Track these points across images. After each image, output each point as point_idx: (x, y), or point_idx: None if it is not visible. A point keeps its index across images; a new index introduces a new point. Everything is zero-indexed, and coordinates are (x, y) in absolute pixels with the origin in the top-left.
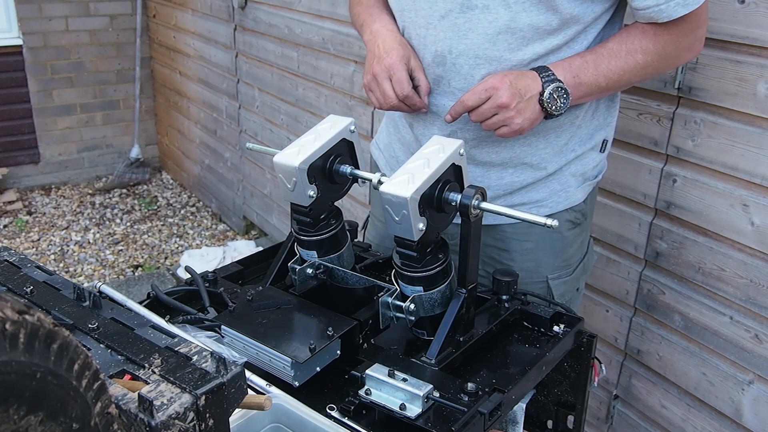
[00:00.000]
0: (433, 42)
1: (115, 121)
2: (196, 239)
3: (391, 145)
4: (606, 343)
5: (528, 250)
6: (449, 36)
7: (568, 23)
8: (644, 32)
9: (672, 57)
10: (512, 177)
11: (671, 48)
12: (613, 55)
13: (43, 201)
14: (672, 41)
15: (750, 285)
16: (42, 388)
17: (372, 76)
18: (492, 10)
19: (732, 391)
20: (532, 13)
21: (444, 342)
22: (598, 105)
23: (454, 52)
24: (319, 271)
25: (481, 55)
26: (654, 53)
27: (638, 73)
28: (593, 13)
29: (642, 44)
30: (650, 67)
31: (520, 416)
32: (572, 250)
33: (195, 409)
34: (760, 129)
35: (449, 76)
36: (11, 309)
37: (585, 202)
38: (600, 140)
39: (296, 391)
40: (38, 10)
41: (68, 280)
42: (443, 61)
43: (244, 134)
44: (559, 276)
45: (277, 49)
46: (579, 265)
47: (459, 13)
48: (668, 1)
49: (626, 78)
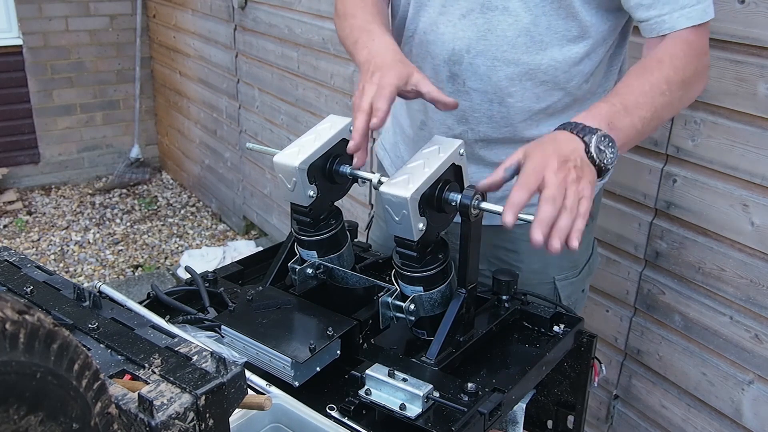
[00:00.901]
0: (452, 40)
1: (115, 121)
2: (196, 239)
3: (396, 145)
4: (606, 343)
5: (536, 251)
6: (468, 35)
7: (589, 32)
8: (663, 60)
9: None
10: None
11: (690, 73)
12: (642, 91)
13: (43, 201)
14: (691, 66)
15: (750, 285)
16: (42, 388)
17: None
18: (512, 12)
19: (732, 391)
20: (552, 17)
21: (444, 342)
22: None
23: (472, 52)
24: (319, 271)
25: (499, 57)
26: (677, 82)
27: (670, 108)
28: (608, 23)
29: (665, 73)
30: (678, 101)
31: (520, 416)
32: (579, 250)
33: (195, 409)
34: (760, 129)
35: (465, 75)
36: (11, 309)
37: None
38: None
39: (296, 391)
40: (38, 10)
41: (68, 280)
42: (460, 60)
43: (244, 134)
44: (566, 277)
45: (277, 49)
46: (585, 266)
47: (479, 13)
48: (671, 12)
49: (658, 116)
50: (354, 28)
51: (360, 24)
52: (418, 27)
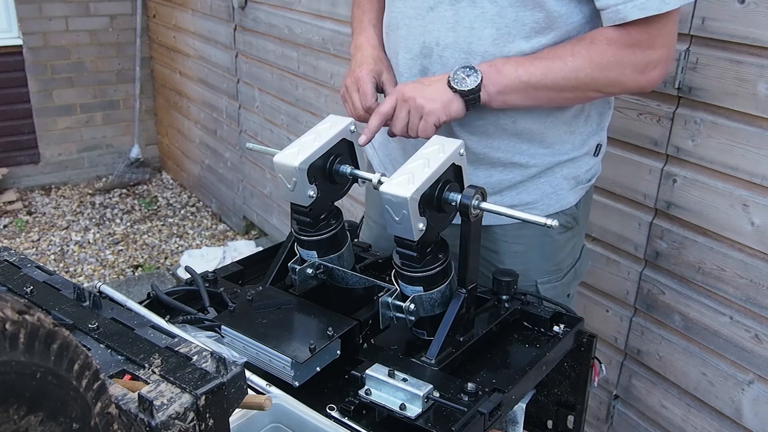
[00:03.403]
0: (422, 33)
1: (115, 121)
2: (196, 239)
3: (385, 144)
4: (606, 343)
5: (518, 252)
6: (437, 28)
7: (557, 22)
8: (584, 38)
9: (611, 70)
10: (501, 175)
11: (610, 59)
12: (542, 55)
13: (43, 201)
14: (614, 52)
15: (750, 285)
16: (42, 388)
17: (345, 88)
18: (479, 4)
19: (732, 391)
20: (519, 8)
21: (444, 342)
22: (591, 111)
23: (441, 44)
24: (319, 271)
25: (466, 49)
26: (585, 57)
27: (567, 76)
28: (581, 14)
29: (575, 48)
30: (582, 72)
31: (520, 416)
32: (563, 254)
33: (195, 409)
34: (760, 129)
35: (435, 68)
36: (11, 309)
37: (577, 207)
38: (594, 145)
39: (296, 391)
40: (38, 10)
41: (68, 280)
42: (430, 52)
43: (244, 134)
44: (548, 280)
45: (277, 49)
46: (570, 270)
47: (448, 4)
48: (626, 2)
49: (551, 77)
50: (354, 18)
51: (357, 15)
52: (391, 21)
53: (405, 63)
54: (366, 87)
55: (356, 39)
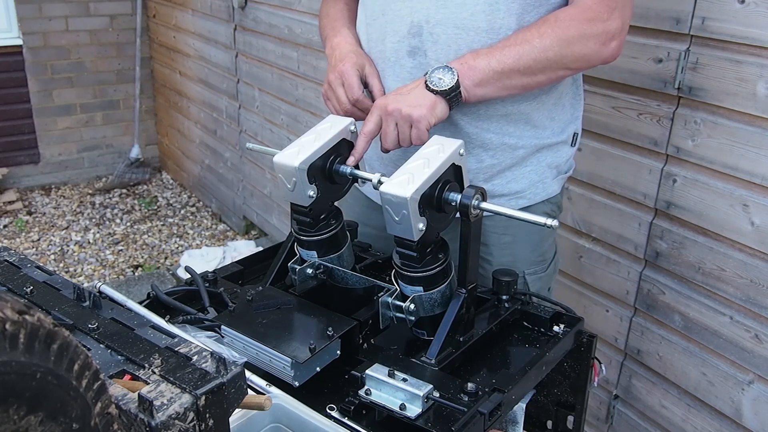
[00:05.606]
0: (410, 13)
1: (115, 121)
2: (196, 239)
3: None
4: (606, 343)
5: (506, 244)
6: (426, 6)
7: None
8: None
9: (576, 44)
10: (491, 159)
11: (574, 34)
12: (509, 42)
13: (43, 201)
14: (576, 27)
15: (750, 285)
16: (42, 388)
17: (328, 84)
18: None
19: (732, 391)
20: None
21: (444, 342)
22: (562, 96)
23: (432, 21)
24: (319, 271)
25: (459, 24)
26: (552, 36)
27: (537, 57)
28: None
29: (541, 29)
30: (551, 51)
31: (520, 416)
32: (547, 244)
33: (195, 409)
34: (760, 129)
35: (426, 46)
36: (11, 309)
37: (560, 195)
38: (571, 133)
39: (296, 391)
40: (38, 10)
41: (68, 280)
42: (419, 31)
43: (244, 134)
44: (535, 272)
45: (277, 49)
46: (552, 262)
47: None
48: None
49: (524, 61)
50: (325, 26)
51: (329, 22)
52: (374, 10)
53: (392, 46)
54: (351, 80)
55: (330, 41)
